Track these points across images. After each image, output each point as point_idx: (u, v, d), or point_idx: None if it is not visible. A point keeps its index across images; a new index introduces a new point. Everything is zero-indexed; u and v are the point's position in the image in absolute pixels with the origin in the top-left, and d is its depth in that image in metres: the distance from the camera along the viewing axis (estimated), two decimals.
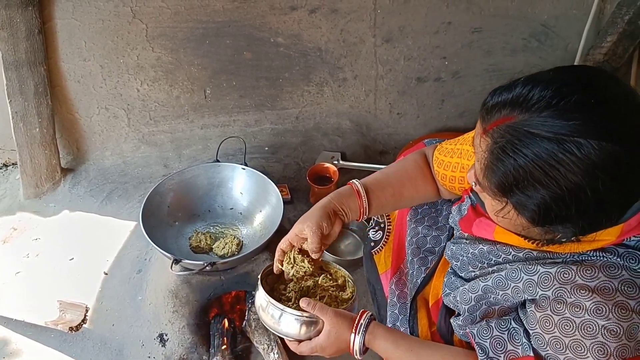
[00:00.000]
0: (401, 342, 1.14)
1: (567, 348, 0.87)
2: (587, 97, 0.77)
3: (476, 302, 1.12)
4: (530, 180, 0.80)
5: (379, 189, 1.32)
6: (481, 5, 2.31)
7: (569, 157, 0.76)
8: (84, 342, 1.90)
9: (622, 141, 0.75)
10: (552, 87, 0.79)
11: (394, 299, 1.48)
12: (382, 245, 1.62)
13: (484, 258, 1.11)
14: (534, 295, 0.95)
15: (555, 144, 0.76)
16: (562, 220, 0.83)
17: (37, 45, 2.18)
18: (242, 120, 2.56)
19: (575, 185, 0.77)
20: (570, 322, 0.87)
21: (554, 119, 0.77)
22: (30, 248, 2.20)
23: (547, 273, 0.93)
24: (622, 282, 0.85)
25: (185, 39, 2.28)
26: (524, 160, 0.79)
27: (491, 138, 0.85)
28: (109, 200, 2.43)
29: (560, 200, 0.79)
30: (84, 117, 2.46)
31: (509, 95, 0.84)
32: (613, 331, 0.83)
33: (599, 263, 0.88)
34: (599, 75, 0.82)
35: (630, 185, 0.79)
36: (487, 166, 0.87)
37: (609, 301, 0.84)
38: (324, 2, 2.24)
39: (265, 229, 2.06)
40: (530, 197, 0.82)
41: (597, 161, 0.75)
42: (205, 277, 1.89)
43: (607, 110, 0.76)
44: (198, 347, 1.83)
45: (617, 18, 2.28)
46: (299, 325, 1.18)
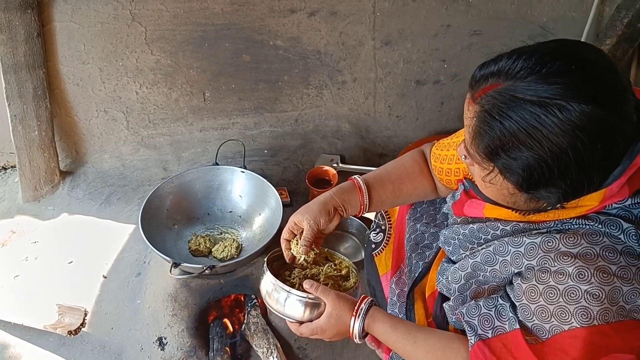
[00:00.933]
0: (399, 326, 1.16)
1: (552, 316, 0.89)
2: (568, 62, 0.81)
3: (466, 281, 1.14)
4: (515, 143, 0.83)
5: (379, 185, 1.35)
6: (480, 8, 2.31)
7: (552, 119, 0.79)
8: (82, 345, 1.89)
9: (602, 103, 0.78)
10: (535, 56, 0.83)
11: (394, 298, 1.49)
12: (383, 247, 1.62)
13: (473, 237, 1.13)
14: (520, 267, 0.97)
15: (539, 107, 0.80)
16: (546, 184, 0.85)
17: (35, 48, 2.18)
18: (241, 123, 2.56)
19: (557, 146, 0.80)
20: (555, 290, 0.89)
21: (538, 83, 0.81)
22: (29, 251, 2.20)
23: (533, 243, 0.95)
24: (603, 248, 0.88)
25: (185, 41, 2.28)
26: (509, 122, 0.83)
27: (479, 104, 0.89)
28: (107, 203, 2.43)
29: (543, 162, 0.82)
30: (83, 120, 2.46)
31: (495, 66, 0.88)
32: (595, 295, 0.84)
33: (582, 231, 0.91)
34: (578, 44, 0.86)
35: (610, 147, 0.82)
36: (475, 131, 0.90)
37: (590, 266, 0.86)
38: (323, 5, 2.24)
39: (265, 232, 2.05)
40: (515, 159, 0.85)
41: (578, 123, 0.78)
42: (205, 280, 1.88)
43: (587, 74, 0.80)
44: (197, 351, 1.82)
45: (616, 21, 2.28)
46: (302, 306, 1.21)
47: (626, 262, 0.86)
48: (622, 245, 0.88)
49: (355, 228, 2.27)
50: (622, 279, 0.85)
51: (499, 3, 2.31)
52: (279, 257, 1.40)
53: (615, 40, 2.29)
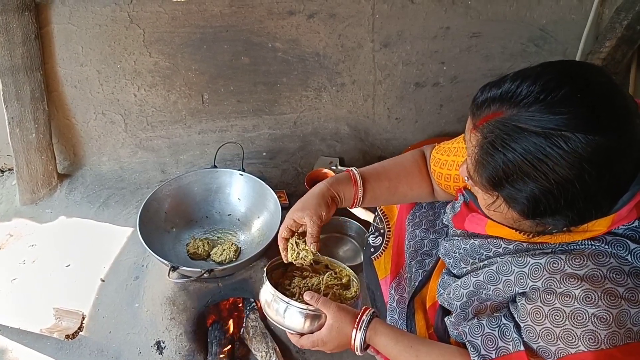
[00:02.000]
0: (401, 339, 1.15)
1: (559, 338, 0.88)
2: (574, 90, 0.79)
3: (468, 298, 1.12)
4: (520, 174, 0.82)
5: (375, 180, 1.34)
6: (479, 10, 2.31)
7: (557, 151, 0.77)
8: (80, 349, 1.88)
9: (609, 133, 0.76)
10: (540, 82, 0.81)
11: (394, 304, 1.48)
12: (382, 251, 1.61)
13: (475, 253, 1.12)
14: (524, 287, 0.96)
15: (543, 138, 0.78)
16: (552, 213, 0.84)
17: (33, 51, 2.17)
18: (239, 126, 2.55)
19: (563, 178, 0.78)
20: (561, 312, 0.88)
21: (542, 113, 0.79)
22: (26, 254, 2.19)
23: (537, 264, 0.94)
24: (610, 269, 0.86)
25: (183, 44, 2.28)
26: (512, 154, 0.81)
27: (481, 133, 0.86)
28: (105, 206, 2.42)
29: (549, 193, 0.81)
30: (81, 123, 2.45)
31: (497, 91, 0.85)
32: (603, 318, 0.83)
33: (588, 251, 0.90)
34: (585, 68, 0.84)
35: (618, 176, 0.80)
36: (478, 161, 0.88)
37: (598, 289, 0.85)
38: (322, 7, 2.24)
39: (263, 235, 2.04)
40: (520, 190, 0.83)
41: (584, 154, 0.76)
42: (203, 284, 1.87)
43: (593, 103, 0.78)
44: (195, 355, 1.81)
45: (615, 23, 2.28)
46: (302, 318, 1.20)
47: (634, 284, 0.85)
48: (630, 267, 0.86)
49: (355, 231, 2.27)
50: (630, 301, 0.84)
51: (498, 5, 2.31)
52: (278, 266, 1.40)
53: (614, 42, 2.28)
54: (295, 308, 1.20)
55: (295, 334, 1.23)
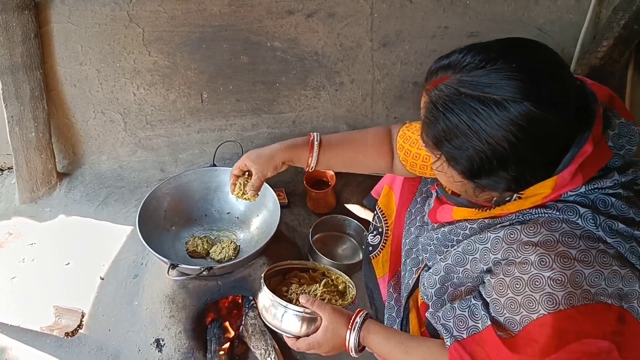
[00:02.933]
0: (392, 337, 1.17)
1: (521, 306, 0.90)
2: (510, 60, 0.85)
3: (441, 285, 1.16)
4: (457, 134, 0.89)
5: (333, 148, 1.44)
6: (477, 10, 2.32)
7: (488, 113, 0.84)
8: (79, 347, 1.89)
9: (536, 101, 0.82)
10: (483, 53, 0.88)
11: (392, 302, 1.49)
12: (380, 250, 1.62)
13: (446, 240, 1.16)
14: (488, 262, 1.00)
15: (478, 101, 0.85)
16: (488, 173, 0.90)
17: (33, 50, 2.18)
18: (239, 125, 2.56)
19: (493, 138, 0.85)
20: (520, 280, 0.91)
21: (480, 79, 0.86)
22: (25, 253, 2.19)
23: (497, 237, 0.99)
24: (562, 233, 0.91)
25: (182, 43, 2.28)
26: (451, 115, 0.88)
27: (429, 96, 0.94)
28: (105, 204, 2.43)
29: (482, 152, 0.87)
30: (80, 122, 2.45)
31: (447, 60, 0.93)
32: (558, 280, 0.87)
33: (542, 219, 0.94)
34: (529, 43, 0.91)
35: (548, 142, 0.86)
36: (424, 121, 0.97)
37: (551, 252, 0.89)
38: (320, 6, 2.25)
39: (262, 233, 2.05)
40: (458, 149, 0.90)
41: (513, 119, 0.83)
42: (202, 282, 1.88)
43: (526, 73, 0.84)
44: (195, 353, 1.82)
45: (613, 22, 2.28)
46: (299, 321, 1.23)
47: (586, 246, 0.89)
48: (581, 230, 0.90)
49: (353, 229, 2.28)
50: (583, 262, 0.87)
51: (496, 5, 2.31)
52: (276, 273, 1.44)
53: (612, 41, 2.29)
54: (292, 311, 1.23)
55: (292, 338, 1.26)
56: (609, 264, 0.87)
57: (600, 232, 0.90)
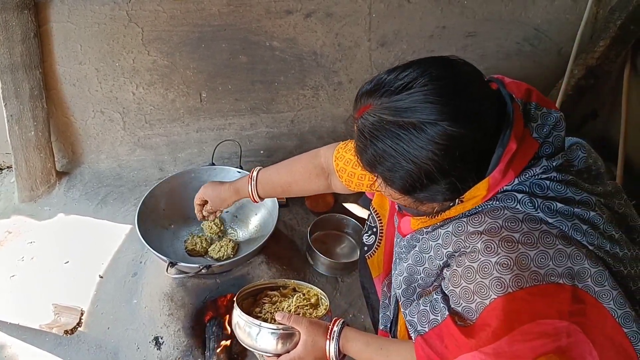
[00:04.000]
0: (371, 342, 1.20)
1: (474, 294, 0.92)
2: (426, 82, 0.88)
3: (407, 285, 1.17)
4: (386, 157, 0.92)
5: (269, 181, 1.61)
6: (475, 10, 2.33)
7: (409, 136, 0.88)
8: (79, 345, 1.90)
9: (451, 120, 0.85)
10: (402, 75, 0.91)
11: (386, 301, 1.50)
12: (375, 249, 1.62)
13: (409, 246, 1.18)
14: (442, 257, 1.03)
15: (398, 126, 0.88)
16: (422, 189, 0.93)
17: (32, 49, 2.18)
18: (237, 124, 2.57)
19: (418, 158, 0.88)
20: (471, 268, 0.93)
21: (398, 102, 0.89)
22: (25, 251, 2.20)
23: (447, 232, 1.02)
24: (505, 219, 0.94)
25: (181, 42, 2.29)
26: (377, 141, 0.92)
27: (357, 124, 0.97)
28: (104, 203, 2.43)
29: (411, 172, 0.90)
30: (80, 121, 2.46)
31: (369, 86, 0.96)
32: (504, 264, 0.89)
33: (485, 210, 0.98)
34: (442, 62, 0.94)
35: (468, 151, 0.89)
36: (356, 148, 1.00)
37: (495, 237, 0.92)
38: (319, 6, 2.25)
39: (261, 232, 2.06)
40: (390, 170, 0.93)
41: (430, 139, 0.86)
42: (201, 280, 1.89)
43: (440, 95, 0.87)
44: (193, 350, 1.83)
45: (609, 22, 2.30)
46: (275, 339, 1.23)
47: (528, 228, 0.91)
48: (522, 214, 0.93)
49: (351, 228, 2.29)
50: (527, 244, 0.90)
51: (493, 5, 2.32)
52: (247, 296, 1.44)
53: (608, 42, 2.31)
54: (267, 330, 1.23)
55: (272, 357, 1.26)
56: (553, 244, 0.90)
57: (540, 214, 0.93)
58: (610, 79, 2.47)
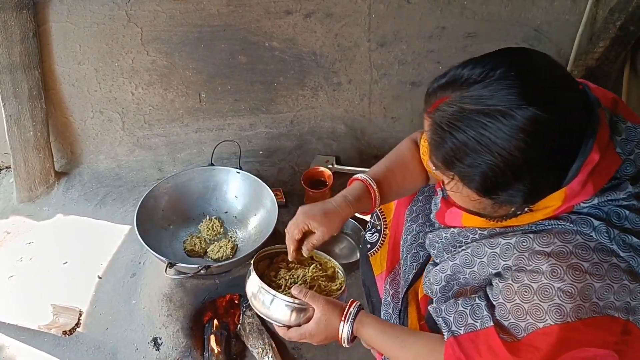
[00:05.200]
0: (388, 330, 1.17)
1: (528, 314, 0.91)
2: (508, 69, 0.84)
3: (447, 283, 1.16)
4: (467, 151, 0.86)
5: (387, 187, 1.35)
6: (474, 10, 2.33)
7: (495, 125, 0.82)
8: (77, 346, 1.89)
9: (541, 104, 0.81)
10: (480, 65, 0.87)
11: (388, 299, 1.50)
12: (378, 248, 1.63)
13: (455, 241, 1.16)
14: (497, 267, 1.00)
15: (483, 115, 0.83)
16: (504, 187, 0.88)
17: (31, 49, 2.18)
18: (236, 124, 2.56)
19: (505, 150, 0.83)
20: (529, 288, 0.91)
21: (481, 92, 0.84)
22: (23, 252, 2.19)
23: (508, 244, 0.98)
24: (576, 245, 0.90)
25: (180, 42, 2.29)
26: (458, 133, 0.86)
27: (431, 118, 0.92)
28: (103, 204, 2.43)
29: (495, 166, 0.85)
30: (79, 121, 2.46)
31: (444, 79, 0.92)
32: (568, 292, 0.86)
33: (555, 230, 0.93)
34: (521, 51, 0.91)
35: (558, 146, 0.84)
36: (431, 144, 0.94)
37: (563, 263, 0.88)
38: (318, 6, 2.25)
39: (260, 232, 2.06)
40: (470, 167, 0.87)
41: (520, 125, 0.81)
42: (200, 280, 1.89)
43: (527, 78, 0.83)
44: (192, 351, 1.82)
45: (609, 23, 2.30)
46: (289, 311, 1.21)
47: (598, 259, 0.88)
48: (595, 242, 0.90)
49: (351, 229, 2.28)
50: (594, 275, 0.87)
51: (493, 5, 2.32)
52: (264, 258, 1.39)
53: (608, 42, 2.30)
54: (282, 301, 1.20)
55: (283, 327, 1.24)
56: (620, 278, 0.87)
57: (613, 246, 0.89)
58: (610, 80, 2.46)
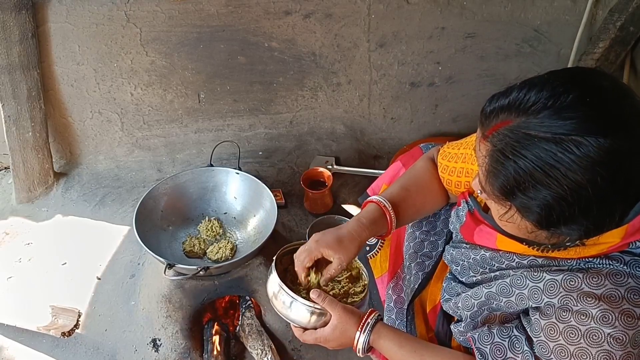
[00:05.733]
0: (405, 343, 1.14)
1: (572, 356, 0.87)
2: (582, 95, 0.78)
3: (478, 308, 1.12)
4: (532, 182, 0.80)
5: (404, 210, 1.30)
6: (474, 11, 2.32)
7: (568, 156, 0.76)
8: (76, 347, 1.89)
9: (619, 135, 0.75)
10: (547, 88, 0.80)
11: (391, 304, 1.48)
12: (378, 250, 1.62)
13: (485, 264, 1.12)
14: (539, 302, 0.95)
15: (554, 144, 0.77)
16: (567, 221, 0.82)
17: (30, 49, 2.18)
18: (236, 125, 2.56)
19: (576, 183, 0.77)
20: (576, 330, 0.87)
21: (551, 119, 0.78)
22: (22, 253, 2.19)
23: (553, 280, 0.93)
24: (628, 289, 0.85)
25: (180, 43, 2.28)
26: (523, 162, 0.80)
27: (490, 143, 0.86)
28: (102, 204, 2.42)
29: (562, 200, 0.79)
30: (78, 121, 2.45)
31: (505, 100, 0.85)
32: (619, 339, 0.83)
33: (605, 271, 0.89)
34: (592, 73, 0.83)
35: (630, 180, 0.78)
36: (489, 171, 0.87)
37: (615, 309, 0.84)
38: (318, 7, 2.25)
39: (259, 233, 2.05)
40: (533, 198, 0.82)
41: (596, 158, 0.75)
42: (199, 281, 1.88)
43: (602, 106, 0.77)
44: (191, 352, 1.82)
45: (609, 24, 2.29)
46: (308, 314, 1.19)
47: None
48: None
49: None
50: None
51: (492, 6, 2.32)
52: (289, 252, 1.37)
53: (608, 43, 2.30)
54: (302, 305, 1.19)
55: (299, 328, 1.23)
56: None
57: None
58: None
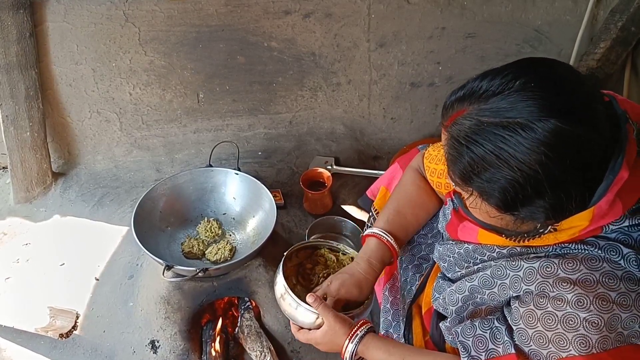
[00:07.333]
0: (393, 351, 1.15)
1: (550, 342, 0.88)
2: (529, 80, 0.82)
3: (463, 303, 1.13)
4: (485, 166, 0.84)
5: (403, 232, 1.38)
6: (475, 11, 2.32)
7: (515, 138, 0.80)
8: (74, 348, 1.88)
9: (565, 117, 0.78)
10: (499, 77, 0.85)
11: (387, 306, 1.48)
12: None
13: (469, 257, 1.13)
14: (518, 291, 0.97)
15: (502, 128, 0.81)
16: (524, 203, 0.85)
17: (28, 49, 2.17)
18: (235, 125, 2.55)
19: (526, 165, 0.80)
20: (553, 316, 0.88)
21: (499, 104, 0.82)
22: (20, 253, 2.18)
23: (531, 268, 0.95)
24: (603, 274, 0.87)
25: (178, 42, 2.27)
26: (475, 147, 0.84)
27: (449, 132, 0.91)
28: (100, 205, 2.41)
29: (515, 182, 0.82)
30: (76, 121, 2.44)
31: (461, 92, 0.90)
32: (594, 323, 0.84)
33: (581, 256, 0.90)
34: (542, 60, 0.87)
35: (582, 159, 0.81)
36: (448, 159, 0.93)
37: (590, 293, 0.86)
38: (318, 6, 2.24)
39: (259, 234, 2.04)
40: (489, 181, 0.85)
41: (542, 139, 0.78)
42: (198, 283, 1.87)
43: (548, 89, 0.80)
44: (190, 354, 1.81)
45: (610, 24, 2.29)
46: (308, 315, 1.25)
47: (626, 289, 0.85)
48: (622, 271, 0.87)
49: (350, 230, 2.27)
50: (621, 305, 0.84)
51: (493, 6, 2.31)
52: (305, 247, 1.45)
53: (609, 43, 2.29)
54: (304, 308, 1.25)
55: (296, 325, 1.29)
56: None
57: None
58: (611, 81, 2.46)
